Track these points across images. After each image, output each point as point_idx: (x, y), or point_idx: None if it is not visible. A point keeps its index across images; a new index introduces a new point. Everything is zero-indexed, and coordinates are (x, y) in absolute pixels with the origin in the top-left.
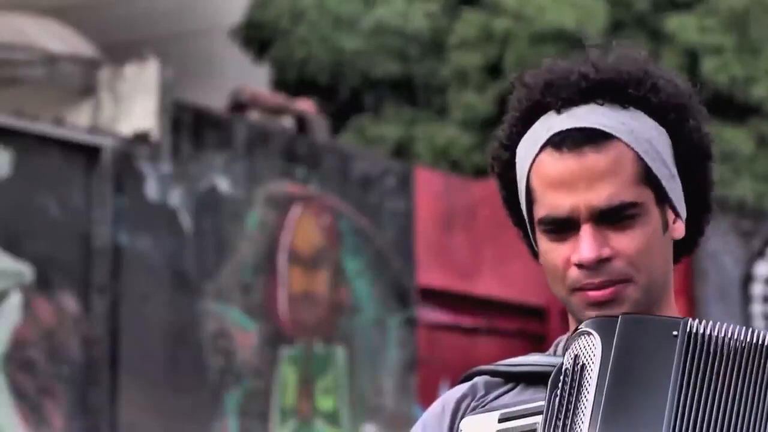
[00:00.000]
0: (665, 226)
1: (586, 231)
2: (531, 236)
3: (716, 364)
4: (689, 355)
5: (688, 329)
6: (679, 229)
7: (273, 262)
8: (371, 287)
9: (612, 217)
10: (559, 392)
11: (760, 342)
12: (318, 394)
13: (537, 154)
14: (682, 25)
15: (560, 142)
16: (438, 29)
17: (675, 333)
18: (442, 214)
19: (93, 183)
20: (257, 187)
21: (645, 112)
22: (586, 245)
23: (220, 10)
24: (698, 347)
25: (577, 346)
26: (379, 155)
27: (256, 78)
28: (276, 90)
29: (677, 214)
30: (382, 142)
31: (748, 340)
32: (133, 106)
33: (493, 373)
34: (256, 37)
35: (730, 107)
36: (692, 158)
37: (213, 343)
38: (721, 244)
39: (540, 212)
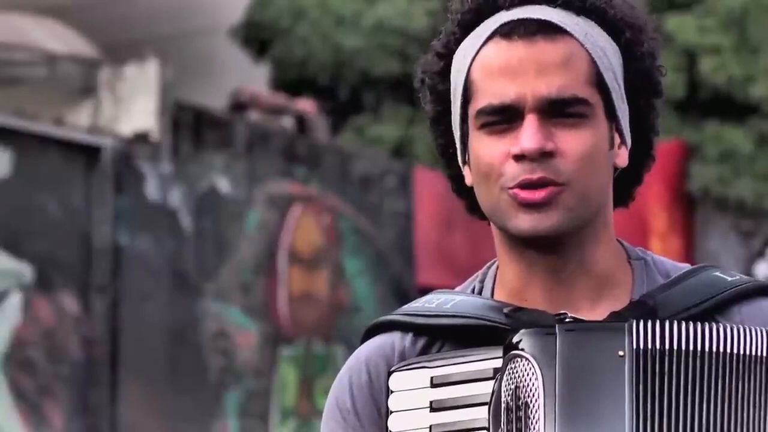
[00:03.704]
0: (611, 143)
1: (530, 121)
2: (461, 155)
3: (669, 384)
4: (640, 381)
5: (634, 345)
6: (622, 156)
7: (273, 262)
8: (371, 287)
9: (560, 112)
10: None
11: (714, 349)
12: (318, 394)
13: (481, 47)
14: (680, 25)
15: (510, 30)
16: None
17: (621, 353)
18: (442, 214)
19: (93, 183)
20: (257, 187)
21: (599, 25)
22: (528, 134)
23: (220, 9)
24: (648, 368)
25: (515, 374)
26: (379, 155)
27: (256, 78)
28: (276, 89)
29: (623, 140)
30: (381, 142)
31: (698, 348)
32: (133, 106)
33: (411, 328)
34: (255, 37)
35: (730, 107)
36: (642, 87)
37: (213, 343)
38: (721, 244)
39: (480, 103)
